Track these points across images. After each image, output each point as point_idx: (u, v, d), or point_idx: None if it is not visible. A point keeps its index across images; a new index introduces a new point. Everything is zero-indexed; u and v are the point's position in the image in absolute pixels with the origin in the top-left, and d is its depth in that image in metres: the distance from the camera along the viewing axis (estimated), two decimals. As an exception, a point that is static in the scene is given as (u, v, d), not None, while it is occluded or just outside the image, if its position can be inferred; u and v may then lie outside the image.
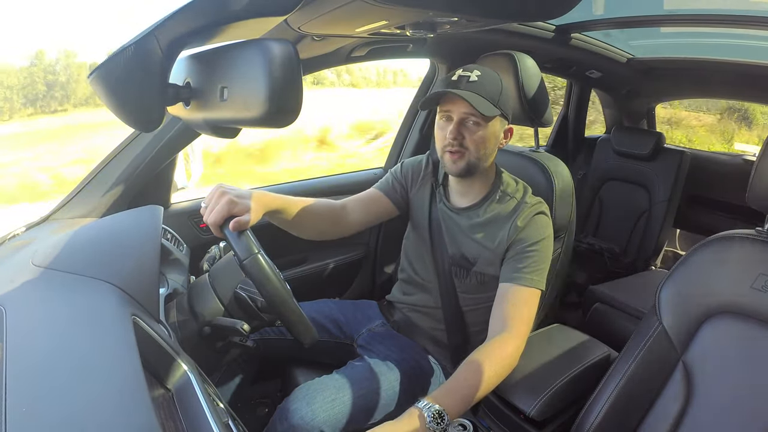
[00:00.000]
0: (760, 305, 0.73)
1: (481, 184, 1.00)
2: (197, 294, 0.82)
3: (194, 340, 0.77)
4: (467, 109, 0.89)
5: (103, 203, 0.99)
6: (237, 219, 0.72)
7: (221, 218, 0.72)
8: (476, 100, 0.87)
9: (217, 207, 0.72)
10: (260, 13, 0.49)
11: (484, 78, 0.90)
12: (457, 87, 0.89)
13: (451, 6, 0.70)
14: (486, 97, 0.88)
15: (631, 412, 0.81)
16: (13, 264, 0.70)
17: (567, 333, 1.09)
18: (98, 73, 0.46)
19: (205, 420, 0.52)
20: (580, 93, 2.27)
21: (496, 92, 0.90)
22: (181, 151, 1.09)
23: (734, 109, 8.31)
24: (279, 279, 0.73)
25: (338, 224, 1.00)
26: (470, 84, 0.88)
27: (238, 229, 0.72)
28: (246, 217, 0.73)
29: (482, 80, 0.89)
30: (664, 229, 2.01)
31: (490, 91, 0.89)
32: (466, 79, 0.89)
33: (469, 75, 0.89)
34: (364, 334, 1.10)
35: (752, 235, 0.77)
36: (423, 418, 0.66)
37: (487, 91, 0.89)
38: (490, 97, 0.89)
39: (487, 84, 0.89)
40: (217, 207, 0.72)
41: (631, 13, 1.44)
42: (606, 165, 2.22)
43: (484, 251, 0.97)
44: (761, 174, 0.74)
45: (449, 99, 0.91)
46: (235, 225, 0.71)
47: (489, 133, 0.92)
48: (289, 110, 0.44)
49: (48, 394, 0.43)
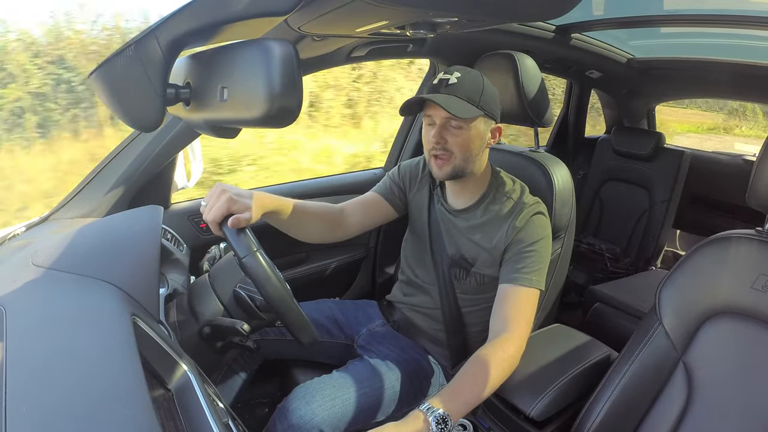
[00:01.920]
0: (760, 305, 0.73)
1: (476, 185, 1.00)
2: (197, 294, 0.82)
3: (194, 340, 0.77)
4: (446, 113, 0.88)
5: (103, 203, 0.99)
6: (236, 216, 0.72)
7: (221, 216, 0.72)
8: (452, 104, 0.86)
9: (216, 205, 0.72)
10: (260, 13, 0.49)
11: (464, 79, 0.89)
12: (437, 91, 0.89)
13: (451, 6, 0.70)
14: (464, 98, 0.88)
15: (632, 412, 0.81)
16: (14, 264, 0.70)
17: (567, 333, 1.08)
18: (98, 73, 0.46)
19: (205, 420, 0.52)
20: (580, 93, 2.27)
21: (476, 92, 0.89)
22: (181, 151, 1.09)
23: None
24: (278, 277, 0.73)
25: (337, 228, 1.00)
26: (449, 87, 0.88)
27: (236, 226, 0.72)
28: (245, 215, 0.73)
29: (462, 81, 0.88)
30: (664, 229, 2.01)
31: (469, 92, 0.89)
32: (446, 82, 0.89)
33: (449, 78, 0.89)
34: (364, 334, 1.10)
35: (752, 235, 0.77)
36: (427, 422, 0.66)
37: (466, 93, 0.88)
38: (469, 98, 0.88)
39: (467, 85, 0.89)
40: (217, 204, 0.72)
41: (631, 13, 1.44)
42: (606, 165, 2.22)
43: (483, 252, 0.97)
44: (761, 174, 0.74)
45: (430, 104, 0.91)
46: (234, 222, 0.72)
47: (472, 134, 0.91)
48: (289, 110, 0.44)
49: (48, 395, 0.43)
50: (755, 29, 1.36)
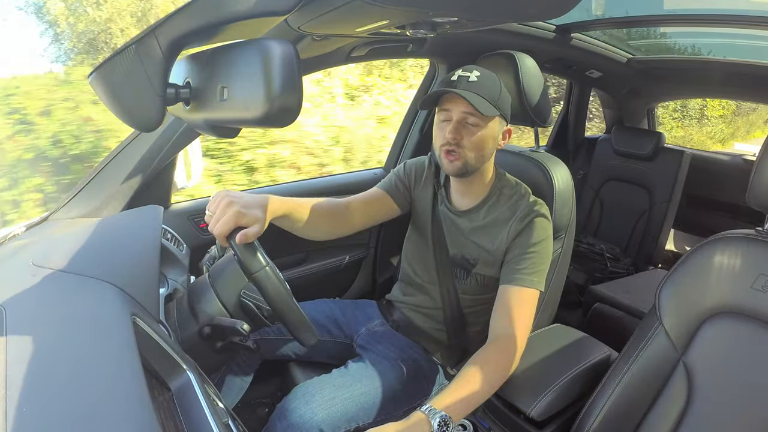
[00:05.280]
0: (760, 305, 0.73)
1: (481, 185, 1.00)
2: (197, 294, 0.82)
3: (194, 340, 0.77)
4: (467, 108, 0.89)
5: (103, 203, 0.99)
6: (244, 231, 0.71)
7: (228, 230, 0.71)
8: (476, 100, 0.87)
9: (223, 218, 0.71)
10: (260, 13, 0.49)
11: (484, 78, 0.90)
12: (457, 87, 0.89)
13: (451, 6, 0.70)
14: (485, 96, 0.89)
15: (632, 413, 0.81)
16: (14, 264, 0.70)
17: (567, 333, 1.08)
18: (98, 73, 0.46)
19: (205, 420, 0.52)
20: (580, 93, 2.27)
21: (495, 93, 0.90)
22: (182, 151, 1.09)
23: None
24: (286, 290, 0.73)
25: (342, 224, 0.99)
26: (470, 84, 0.89)
27: (245, 241, 0.71)
28: (254, 229, 0.72)
29: (482, 80, 0.89)
30: (664, 229, 2.01)
31: (490, 92, 0.90)
32: (466, 79, 0.89)
33: (469, 75, 0.90)
34: (364, 333, 1.10)
35: (752, 235, 0.77)
36: (429, 424, 0.66)
37: (487, 91, 0.89)
38: (490, 97, 0.89)
39: (487, 84, 0.90)
40: (224, 218, 0.71)
41: (631, 13, 1.44)
42: (606, 165, 2.22)
43: (484, 253, 0.97)
44: (761, 174, 0.74)
45: (449, 98, 0.91)
46: (242, 237, 0.70)
47: (488, 133, 0.92)
48: (288, 110, 0.44)
49: (48, 395, 0.43)
50: (755, 29, 1.36)
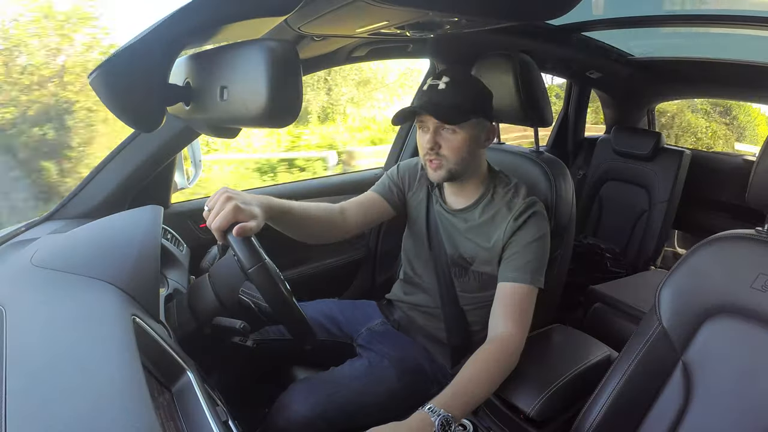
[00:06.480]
0: (760, 305, 0.73)
1: (474, 185, 1.00)
2: (197, 294, 0.82)
3: (194, 340, 0.77)
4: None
5: (103, 203, 0.99)
6: (242, 225, 0.71)
7: (226, 224, 0.72)
8: (443, 112, 0.87)
9: (222, 213, 0.72)
10: (260, 13, 0.49)
11: (455, 83, 0.89)
12: (428, 97, 0.89)
13: (451, 6, 0.70)
14: (454, 103, 0.88)
15: (631, 412, 0.81)
16: (13, 264, 0.70)
17: (567, 333, 1.08)
18: (98, 73, 0.46)
19: (205, 420, 0.52)
20: (580, 93, 2.27)
21: (469, 95, 0.90)
22: (181, 151, 1.09)
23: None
24: (284, 286, 0.73)
25: (336, 228, 1.00)
26: (439, 93, 0.88)
27: (242, 235, 0.71)
28: (251, 224, 0.72)
29: (452, 86, 0.89)
30: (664, 229, 2.01)
31: (463, 96, 0.89)
32: (435, 88, 0.89)
33: (438, 83, 0.89)
34: (364, 333, 1.10)
35: (752, 235, 0.77)
36: (432, 424, 0.66)
37: (459, 97, 0.88)
38: (460, 103, 0.88)
39: (459, 89, 0.89)
40: (222, 213, 0.72)
41: (631, 13, 1.44)
42: (606, 165, 2.22)
43: (481, 251, 0.97)
44: (761, 174, 0.74)
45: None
46: (240, 231, 0.71)
47: (466, 137, 0.91)
48: (288, 110, 0.44)
49: (48, 395, 0.43)
50: (755, 29, 1.35)
